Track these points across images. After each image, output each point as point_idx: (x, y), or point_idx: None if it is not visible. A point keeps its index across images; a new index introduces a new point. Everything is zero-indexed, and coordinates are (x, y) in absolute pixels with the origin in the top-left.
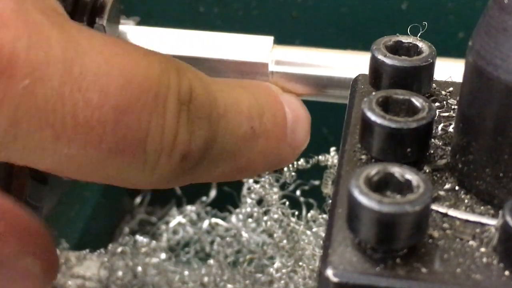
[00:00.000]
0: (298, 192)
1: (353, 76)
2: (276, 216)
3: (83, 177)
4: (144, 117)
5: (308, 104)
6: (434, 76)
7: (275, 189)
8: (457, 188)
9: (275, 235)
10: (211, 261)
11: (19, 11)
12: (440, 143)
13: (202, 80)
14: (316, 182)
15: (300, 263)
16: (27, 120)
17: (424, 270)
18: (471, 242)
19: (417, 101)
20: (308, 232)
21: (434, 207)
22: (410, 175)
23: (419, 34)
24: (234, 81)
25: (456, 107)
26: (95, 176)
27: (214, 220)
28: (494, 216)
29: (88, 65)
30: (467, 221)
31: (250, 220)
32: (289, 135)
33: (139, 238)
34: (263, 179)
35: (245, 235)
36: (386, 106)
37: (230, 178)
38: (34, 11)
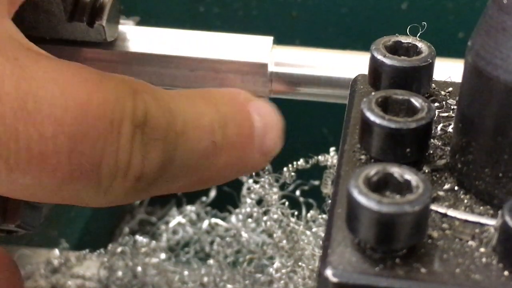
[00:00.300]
0: (297, 192)
1: (353, 76)
2: (275, 216)
3: (38, 200)
4: (99, 144)
5: (308, 104)
6: (433, 76)
7: (275, 189)
8: (456, 188)
9: (274, 235)
10: (211, 261)
11: None
12: (440, 143)
13: (159, 100)
14: (316, 182)
15: (300, 263)
16: None
17: (423, 270)
18: (470, 242)
19: (417, 101)
20: (308, 232)
21: (434, 207)
22: (410, 175)
23: (419, 34)
24: (196, 93)
25: (455, 107)
26: (50, 199)
27: (214, 220)
28: (494, 216)
29: (43, 99)
30: (466, 221)
31: (249, 220)
32: (257, 143)
33: (139, 238)
34: (262, 179)
35: (244, 235)
36: (386, 106)
37: (194, 189)
38: None
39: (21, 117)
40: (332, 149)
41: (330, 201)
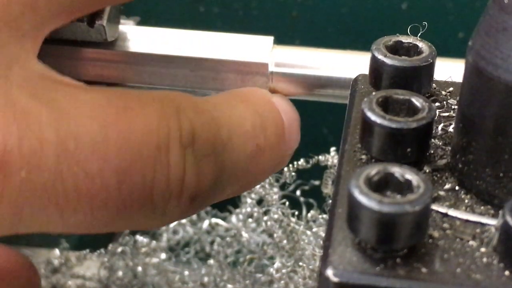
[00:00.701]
0: (298, 192)
1: (353, 76)
2: (276, 216)
3: (95, 231)
4: (148, 171)
5: (308, 104)
6: (434, 76)
7: (275, 189)
8: (457, 188)
9: (275, 235)
10: (211, 261)
11: (5, 98)
12: (440, 143)
13: (203, 113)
14: (316, 182)
15: (300, 263)
16: (29, 205)
17: (424, 270)
18: (471, 242)
19: (417, 101)
20: (308, 232)
21: (434, 207)
22: (410, 175)
23: (419, 34)
24: (234, 96)
25: (456, 107)
26: (106, 229)
27: (214, 220)
28: (494, 216)
29: (83, 137)
30: (467, 221)
31: (250, 220)
32: (287, 141)
33: (139, 238)
34: None
35: (245, 235)
36: (386, 106)
37: (240, 193)
38: (20, 94)
39: (64, 160)
40: (332, 149)
41: (330, 201)
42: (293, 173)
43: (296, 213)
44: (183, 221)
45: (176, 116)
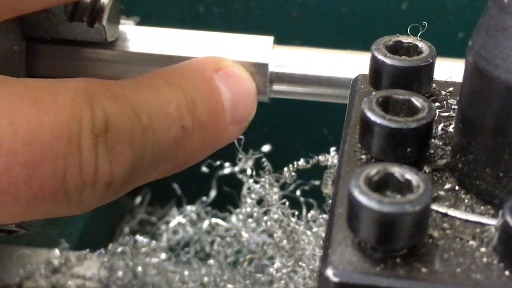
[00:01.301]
0: (298, 192)
1: (353, 76)
2: (276, 216)
3: (8, 222)
4: (59, 163)
5: (308, 104)
6: (434, 76)
7: (275, 189)
8: (457, 188)
9: (275, 235)
10: (211, 261)
11: None
12: (440, 143)
13: (120, 99)
14: (316, 182)
15: (300, 263)
16: None
17: (424, 270)
18: (471, 242)
19: (417, 101)
20: (308, 232)
21: (434, 207)
22: (410, 175)
23: (419, 34)
24: (159, 77)
25: (456, 107)
26: (19, 220)
27: (214, 220)
28: (494, 216)
29: None
30: (467, 221)
31: (250, 220)
32: (229, 115)
33: (139, 238)
34: (263, 179)
35: (245, 235)
36: (386, 106)
37: (171, 173)
38: None
39: None
40: (332, 149)
41: (330, 201)
42: (293, 173)
43: (296, 213)
44: (183, 221)
45: (88, 106)
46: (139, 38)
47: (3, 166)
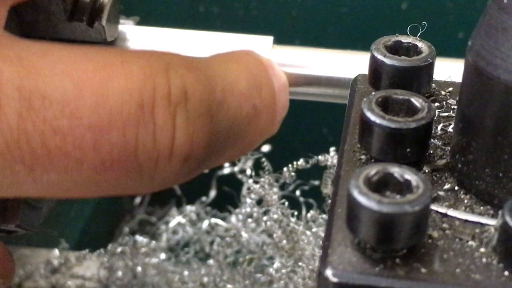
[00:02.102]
0: (297, 192)
1: (353, 76)
2: (275, 216)
3: (77, 196)
4: (129, 129)
5: (308, 104)
6: (433, 76)
7: (275, 189)
8: (456, 188)
9: (274, 235)
10: (210, 261)
11: None
12: (440, 143)
13: (196, 71)
14: (316, 182)
15: (300, 263)
16: None
17: (423, 270)
18: (470, 242)
19: (417, 101)
20: (308, 232)
21: (434, 207)
22: (410, 175)
23: (419, 34)
24: (226, 56)
25: (455, 107)
26: (90, 193)
27: (213, 220)
28: (494, 216)
29: (52, 94)
30: (466, 221)
31: (249, 220)
32: (278, 103)
33: (139, 238)
34: (262, 179)
35: (244, 235)
36: (386, 106)
37: (236, 158)
38: None
39: (27, 117)
40: (332, 149)
41: (330, 201)
42: (293, 173)
43: (296, 213)
44: (183, 221)
45: (164, 73)
46: (139, 38)
47: (67, 128)
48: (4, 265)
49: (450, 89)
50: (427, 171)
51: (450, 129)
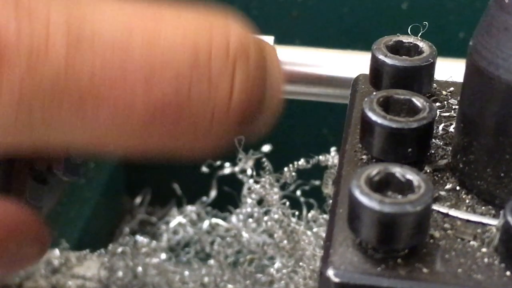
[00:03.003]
0: (298, 192)
1: (354, 76)
2: (276, 216)
3: (127, 147)
4: (181, 77)
5: (308, 104)
6: (434, 76)
7: (276, 189)
8: (458, 188)
9: (275, 235)
10: (211, 261)
11: None
12: (441, 143)
13: (244, 28)
14: (317, 182)
15: (301, 263)
16: (38, 102)
17: (425, 270)
18: (472, 242)
19: (418, 101)
20: (309, 233)
21: (435, 207)
22: (411, 175)
23: (420, 34)
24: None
25: (457, 107)
26: (141, 144)
27: (214, 220)
28: (495, 216)
29: (101, 31)
30: (468, 221)
31: (250, 220)
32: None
33: (139, 238)
34: (263, 179)
35: (245, 235)
36: (387, 106)
37: (261, 131)
38: None
39: (76, 52)
40: (333, 149)
41: (331, 201)
42: (294, 173)
43: (297, 213)
44: (183, 221)
45: (223, 26)
46: None
47: (117, 66)
48: (39, 232)
49: (451, 89)
50: (428, 171)
51: (451, 129)
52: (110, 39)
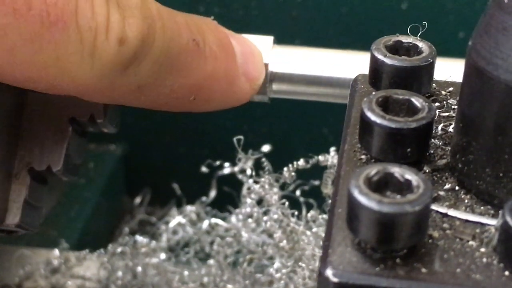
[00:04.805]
0: (298, 192)
1: (353, 76)
2: (276, 216)
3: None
4: None
5: (308, 104)
6: (434, 76)
7: (275, 189)
8: (457, 188)
9: (275, 235)
10: (211, 261)
11: None
12: (440, 143)
13: None
14: (316, 182)
15: (300, 263)
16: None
17: (424, 270)
18: (471, 242)
19: (417, 101)
20: (308, 232)
21: (434, 207)
22: (410, 175)
23: (419, 34)
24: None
25: (456, 107)
26: (31, 58)
27: (214, 220)
28: (494, 216)
29: None
30: (467, 221)
31: (250, 220)
32: (240, 65)
33: (139, 238)
34: (262, 179)
35: (245, 235)
36: (386, 106)
37: (183, 102)
38: None
39: None
40: (332, 149)
41: (330, 201)
42: (293, 173)
43: (296, 213)
44: (183, 221)
45: None
46: None
47: None
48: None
49: (451, 89)
50: (427, 171)
51: (450, 129)
52: None
